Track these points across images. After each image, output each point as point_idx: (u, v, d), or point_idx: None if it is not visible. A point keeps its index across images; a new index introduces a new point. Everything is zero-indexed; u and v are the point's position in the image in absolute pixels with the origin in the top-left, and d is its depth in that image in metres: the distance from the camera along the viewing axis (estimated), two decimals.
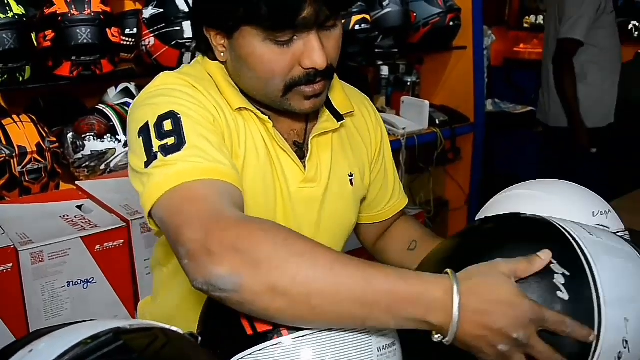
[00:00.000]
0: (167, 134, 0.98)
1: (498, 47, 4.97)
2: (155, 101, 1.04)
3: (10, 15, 2.03)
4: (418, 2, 3.19)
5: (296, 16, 0.97)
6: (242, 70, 1.08)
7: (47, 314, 1.80)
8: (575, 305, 0.81)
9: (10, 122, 2.12)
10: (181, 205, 0.89)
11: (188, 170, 0.92)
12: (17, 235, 1.79)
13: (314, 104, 1.10)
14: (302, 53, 1.02)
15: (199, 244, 0.82)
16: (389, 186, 1.40)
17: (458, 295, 0.78)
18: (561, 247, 0.85)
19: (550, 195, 1.17)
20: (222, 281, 0.78)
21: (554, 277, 0.82)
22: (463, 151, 3.47)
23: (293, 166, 1.17)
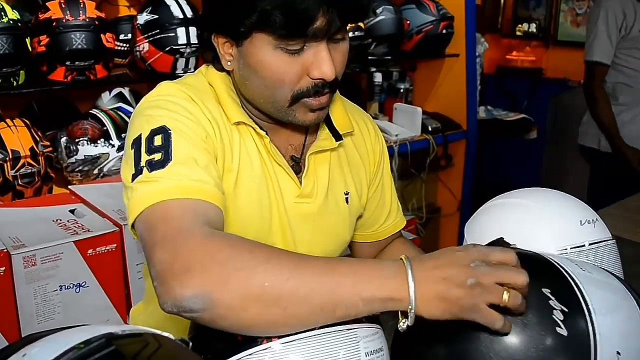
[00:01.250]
0: (156, 149, 0.98)
1: (491, 55, 4.99)
2: (152, 113, 1.04)
3: (5, 20, 2.04)
4: (411, 10, 3.22)
5: (309, 25, 0.97)
6: (250, 79, 1.08)
7: (39, 318, 1.80)
8: (573, 340, 0.81)
9: (4, 126, 2.13)
10: (156, 224, 0.90)
11: (168, 189, 0.93)
12: (10, 239, 1.79)
13: (318, 117, 1.10)
14: (311, 63, 1.02)
15: (167, 265, 0.83)
16: (386, 206, 1.39)
17: (409, 262, 0.81)
18: (557, 283, 0.86)
19: (539, 203, 1.19)
20: (192, 302, 0.80)
21: (553, 313, 0.82)
22: (455, 158, 3.49)
23: (289, 181, 1.17)
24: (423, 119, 3.20)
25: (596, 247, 1.13)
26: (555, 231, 1.13)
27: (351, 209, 1.28)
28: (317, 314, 0.81)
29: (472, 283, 0.78)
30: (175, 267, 0.82)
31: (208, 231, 0.88)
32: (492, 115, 4.52)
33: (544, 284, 0.84)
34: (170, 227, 0.88)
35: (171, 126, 1.01)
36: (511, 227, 1.16)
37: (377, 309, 0.82)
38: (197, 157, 1.00)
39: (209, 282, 0.80)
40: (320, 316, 0.82)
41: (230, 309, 0.80)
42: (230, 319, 0.80)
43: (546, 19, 5.18)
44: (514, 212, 1.18)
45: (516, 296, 0.78)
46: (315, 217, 1.21)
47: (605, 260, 1.13)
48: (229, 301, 0.79)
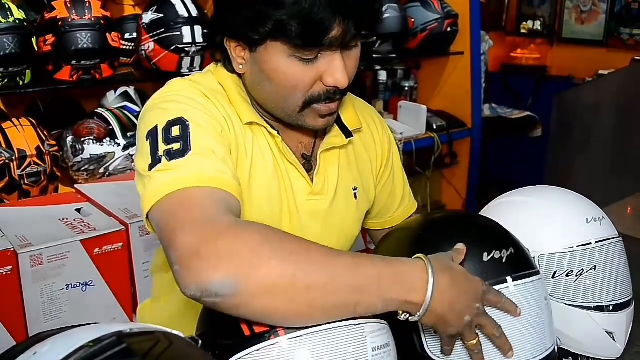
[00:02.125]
0: (174, 140, 0.98)
1: (495, 53, 4.98)
2: (167, 106, 1.04)
3: (11, 19, 2.04)
4: (416, 8, 3.21)
5: (325, 35, 0.97)
6: (262, 85, 1.08)
7: (46, 317, 1.80)
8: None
9: (10, 125, 2.14)
10: (177, 210, 0.90)
11: (188, 177, 0.93)
12: (17, 238, 1.80)
13: (327, 122, 1.12)
14: (325, 71, 1.02)
15: (192, 249, 0.82)
16: (397, 193, 1.40)
17: (432, 274, 0.88)
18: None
19: (545, 201, 1.19)
20: (218, 285, 0.79)
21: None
22: (460, 156, 3.49)
23: (301, 179, 1.18)
24: (428, 117, 3.20)
25: (602, 245, 1.13)
26: (561, 229, 1.13)
27: (359, 204, 1.29)
28: (340, 309, 0.83)
29: (467, 321, 0.90)
30: (202, 250, 0.81)
31: (233, 219, 0.89)
32: (496, 113, 4.52)
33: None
34: (193, 213, 0.88)
35: (188, 118, 1.01)
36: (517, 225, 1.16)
37: (392, 309, 0.88)
38: (215, 148, 1.00)
39: (239, 267, 0.79)
40: (343, 312, 0.84)
41: (256, 295, 0.79)
42: (255, 307, 0.80)
43: (551, 17, 5.17)
44: (520, 210, 1.19)
45: (478, 346, 0.94)
46: (326, 213, 1.22)
47: (611, 258, 1.13)
48: (256, 288, 0.79)
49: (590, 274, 1.11)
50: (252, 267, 0.80)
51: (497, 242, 1.01)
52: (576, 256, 1.11)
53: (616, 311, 1.13)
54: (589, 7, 4.93)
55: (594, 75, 4.61)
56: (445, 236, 1.01)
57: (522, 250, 1.04)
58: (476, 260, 0.98)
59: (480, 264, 0.98)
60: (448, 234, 1.02)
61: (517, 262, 1.00)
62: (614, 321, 1.12)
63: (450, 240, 0.99)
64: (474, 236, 1.01)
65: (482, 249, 0.99)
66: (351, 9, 0.97)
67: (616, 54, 4.66)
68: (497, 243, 1.00)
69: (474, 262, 0.97)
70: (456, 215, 1.11)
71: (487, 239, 1.02)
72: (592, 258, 1.11)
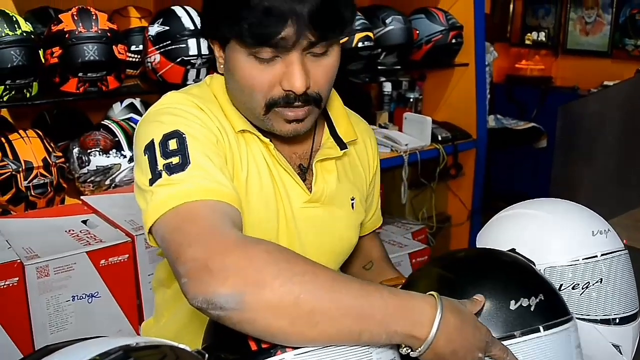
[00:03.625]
0: (172, 153, 0.99)
1: (500, 64, 4.99)
2: (162, 119, 1.05)
3: (18, 32, 2.06)
4: (420, 19, 3.22)
5: (274, 36, 0.98)
6: (230, 84, 1.12)
7: (52, 328, 1.81)
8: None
9: (17, 137, 2.15)
10: (183, 224, 0.90)
11: (191, 191, 0.94)
12: (23, 250, 1.81)
13: (295, 129, 1.11)
14: (283, 74, 1.04)
15: (201, 263, 0.83)
16: (373, 205, 1.44)
17: (441, 312, 0.85)
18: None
19: (551, 214, 1.19)
20: (224, 299, 0.79)
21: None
22: (465, 167, 3.48)
23: (296, 187, 1.19)
24: (433, 129, 3.20)
25: (608, 257, 1.13)
26: (567, 242, 1.13)
27: (356, 214, 1.30)
28: (344, 336, 0.82)
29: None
30: (210, 264, 0.82)
31: (241, 235, 0.89)
32: (501, 124, 4.52)
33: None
34: (199, 228, 0.89)
35: (184, 130, 1.02)
36: (523, 238, 1.16)
37: (396, 342, 0.86)
38: (214, 160, 1.01)
39: (245, 284, 0.80)
40: (346, 338, 0.83)
41: (260, 314, 0.80)
42: (258, 325, 0.80)
43: (555, 28, 5.19)
44: (526, 222, 1.19)
45: None
46: (323, 221, 1.23)
47: (617, 270, 1.13)
48: (261, 306, 0.80)
49: (596, 286, 1.11)
50: (257, 286, 0.80)
51: (526, 288, 0.96)
52: (582, 269, 1.11)
53: (623, 324, 1.12)
54: (594, 18, 4.94)
55: (598, 86, 4.62)
56: (469, 279, 0.97)
57: (554, 295, 0.99)
58: (503, 308, 0.93)
59: (507, 312, 0.93)
60: (473, 277, 0.98)
61: (547, 310, 0.95)
62: (621, 334, 1.12)
63: (475, 284, 0.95)
64: (500, 282, 0.97)
65: (509, 297, 0.94)
66: (306, 13, 0.97)
67: (621, 65, 4.67)
68: (526, 289, 0.95)
69: (500, 310, 0.93)
70: (483, 257, 1.05)
71: (514, 285, 0.97)
72: (598, 271, 1.11)
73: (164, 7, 2.49)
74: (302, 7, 0.97)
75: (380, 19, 3.03)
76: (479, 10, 3.36)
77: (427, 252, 2.93)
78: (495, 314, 0.93)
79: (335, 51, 1.08)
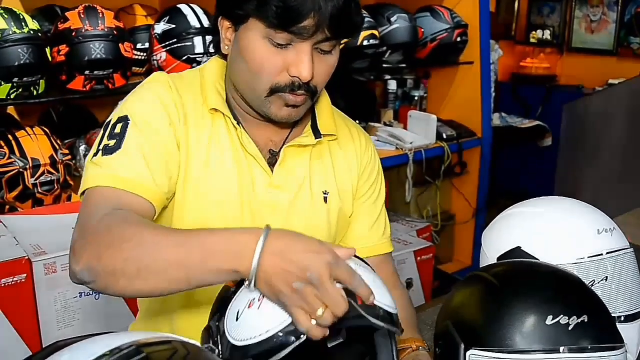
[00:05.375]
0: (114, 136, 1.10)
1: (505, 62, 4.99)
2: (128, 99, 1.16)
3: (25, 30, 2.06)
4: (425, 17, 3.22)
5: (298, 22, 1.03)
6: (237, 63, 1.15)
7: (59, 324, 1.82)
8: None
9: (24, 134, 2.16)
10: (83, 206, 1.05)
11: (106, 176, 1.06)
12: (31, 246, 1.82)
13: (290, 114, 1.15)
14: (292, 60, 1.08)
15: (73, 244, 0.99)
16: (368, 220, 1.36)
17: (263, 239, 0.86)
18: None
19: (556, 212, 1.19)
20: (82, 275, 0.95)
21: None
22: (470, 165, 3.49)
23: (261, 171, 1.21)
24: (437, 127, 3.20)
25: (613, 255, 1.13)
26: (572, 240, 1.14)
27: (330, 209, 1.28)
28: (174, 284, 0.92)
29: (298, 287, 0.82)
30: (75, 245, 0.98)
31: (104, 214, 1.00)
32: (506, 122, 4.52)
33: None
34: (84, 212, 1.03)
35: (134, 116, 1.11)
36: (528, 236, 1.17)
37: (225, 279, 0.92)
38: (147, 151, 1.09)
39: (89, 260, 0.94)
40: (178, 285, 0.93)
41: (107, 279, 0.94)
42: (111, 288, 0.95)
43: (560, 26, 5.18)
44: (531, 221, 1.19)
45: (327, 318, 0.81)
46: (287, 208, 1.24)
47: (622, 269, 1.13)
48: (104, 274, 0.94)
49: (601, 285, 1.11)
50: (96, 258, 0.94)
51: (569, 306, 0.92)
52: (587, 267, 1.11)
53: (628, 322, 1.13)
54: (599, 17, 4.93)
55: (603, 84, 4.62)
56: (515, 289, 0.96)
57: (600, 320, 0.94)
58: (538, 321, 0.90)
59: (540, 326, 0.90)
60: (520, 286, 0.96)
61: (586, 333, 0.90)
62: (626, 332, 1.12)
63: (519, 295, 0.94)
64: (543, 293, 0.94)
65: (548, 311, 0.91)
66: (328, 9, 1.04)
67: (626, 63, 4.66)
68: (569, 307, 0.91)
69: (535, 323, 0.90)
70: (534, 268, 1.03)
71: (558, 301, 0.93)
72: (603, 269, 1.12)
73: (169, 5, 2.50)
74: (327, 2, 1.04)
75: (386, 17, 3.03)
76: (484, 8, 3.36)
77: (431, 250, 2.93)
78: (533, 327, 0.90)
79: (337, 51, 1.14)
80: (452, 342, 0.95)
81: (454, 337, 0.95)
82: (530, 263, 1.09)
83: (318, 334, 0.82)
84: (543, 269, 1.03)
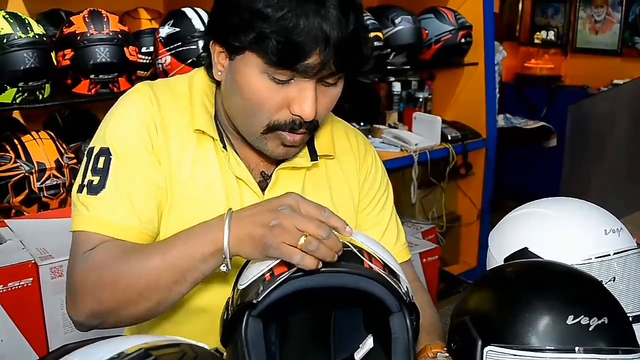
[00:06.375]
0: (97, 172, 1.07)
1: (509, 63, 4.99)
2: (110, 121, 1.11)
3: (31, 35, 2.07)
4: (430, 19, 3.23)
5: (301, 60, 0.96)
6: (233, 96, 1.07)
7: (66, 328, 1.82)
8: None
9: (30, 138, 2.16)
10: (72, 251, 1.07)
11: (92, 221, 1.05)
12: (37, 250, 1.82)
13: (287, 152, 1.10)
14: (294, 98, 1.01)
15: (68, 298, 1.05)
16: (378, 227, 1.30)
17: (230, 213, 0.94)
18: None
19: (563, 213, 1.19)
20: (89, 322, 1.03)
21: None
22: (475, 166, 3.48)
23: (252, 194, 1.15)
24: (442, 128, 3.20)
25: (621, 256, 1.13)
26: (579, 241, 1.13)
27: None
28: (174, 288, 0.97)
29: (275, 224, 0.88)
30: (69, 300, 1.04)
31: (92, 257, 1.02)
32: (511, 123, 4.52)
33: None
34: (73, 257, 1.06)
35: (115, 149, 1.08)
36: (535, 237, 1.17)
37: (215, 263, 0.95)
38: (131, 189, 1.07)
39: (90, 306, 1.01)
40: (179, 288, 0.97)
41: (115, 315, 1.01)
42: (123, 321, 1.03)
43: (564, 26, 5.17)
44: (538, 221, 1.19)
45: (311, 242, 0.85)
46: None
47: (630, 269, 1.13)
48: (110, 312, 1.00)
49: (609, 285, 1.11)
50: (97, 303, 1.00)
51: (591, 307, 0.91)
52: (595, 268, 1.11)
53: (636, 323, 1.12)
54: (603, 17, 4.92)
55: (608, 85, 4.61)
56: (536, 287, 0.94)
57: (620, 323, 0.92)
58: (559, 320, 0.89)
59: (561, 326, 0.89)
60: (541, 286, 0.95)
61: (605, 334, 0.89)
62: None
63: (541, 293, 0.93)
64: (566, 293, 0.93)
65: (569, 311, 0.89)
66: (335, 44, 0.95)
67: (631, 64, 4.66)
68: (590, 308, 0.90)
69: (556, 322, 0.89)
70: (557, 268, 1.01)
71: (580, 301, 0.92)
72: (610, 269, 1.11)
73: (174, 8, 2.51)
74: (334, 34, 0.95)
75: (390, 19, 3.04)
76: (488, 10, 3.36)
77: (437, 252, 2.93)
78: (553, 325, 0.89)
79: (342, 83, 1.07)
80: (469, 338, 0.95)
81: (471, 332, 0.95)
82: (549, 262, 1.08)
83: (309, 263, 0.86)
84: (561, 268, 1.02)
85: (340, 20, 0.95)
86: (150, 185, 1.08)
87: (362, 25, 1.02)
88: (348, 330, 1.08)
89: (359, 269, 0.89)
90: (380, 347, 0.98)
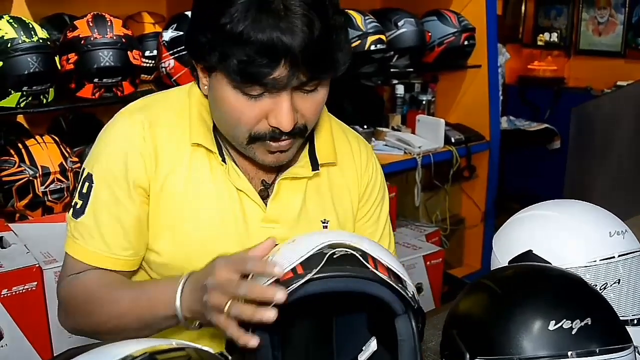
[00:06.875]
0: (81, 196, 1.14)
1: (512, 65, 4.98)
2: (97, 146, 1.17)
3: (35, 39, 2.07)
4: (433, 21, 3.22)
5: (266, 76, 0.95)
6: (215, 110, 1.09)
7: None
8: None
9: (34, 142, 2.17)
10: (62, 267, 1.19)
11: (74, 247, 1.15)
12: (42, 254, 1.83)
13: (278, 159, 1.09)
14: (270, 110, 1.01)
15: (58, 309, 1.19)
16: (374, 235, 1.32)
17: (182, 283, 1.01)
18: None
19: (567, 215, 1.19)
20: (75, 333, 1.20)
21: None
22: (479, 169, 3.48)
23: (253, 205, 1.16)
24: (446, 131, 3.20)
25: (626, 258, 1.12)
26: (584, 243, 1.13)
27: None
28: (143, 333, 1.07)
29: (205, 299, 0.93)
30: (58, 311, 1.19)
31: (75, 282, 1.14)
32: (514, 125, 4.51)
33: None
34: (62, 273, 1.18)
35: (97, 179, 1.12)
36: (540, 239, 1.16)
37: (172, 322, 1.04)
38: (105, 218, 1.12)
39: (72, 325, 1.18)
40: (147, 332, 1.08)
41: (94, 336, 1.17)
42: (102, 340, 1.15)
43: (567, 28, 5.16)
44: (543, 224, 1.19)
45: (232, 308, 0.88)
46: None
47: (635, 271, 1.13)
48: (89, 333, 1.17)
49: (614, 287, 1.11)
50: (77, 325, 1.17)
51: (572, 309, 0.90)
52: (600, 270, 1.11)
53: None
54: (606, 18, 4.92)
55: (612, 86, 4.60)
56: (517, 296, 0.94)
57: (605, 321, 0.92)
58: (541, 327, 0.89)
59: (543, 332, 0.88)
60: (522, 293, 0.95)
61: (592, 336, 0.88)
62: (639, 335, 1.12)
63: (521, 301, 0.92)
64: (545, 299, 0.93)
65: (551, 316, 0.89)
66: (300, 54, 0.94)
67: (634, 65, 4.65)
68: (571, 311, 0.90)
69: (539, 330, 0.89)
70: (535, 273, 1.02)
71: (560, 305, 0.91)
72: (615, 272, 1.11)
73: (177, 12, 2.51)
74: (296, 45, 0.93)
75: (393, 22, 3.04)
76: (491, 12, 3.36)
77: (441, 255, 2.93)
78: (536, 333, 0.89)
79: (325, 86, 1.05)
80: (457, 352, 0.95)
81: (459, 346, 0.95)
82: (532, 267, 1.08)
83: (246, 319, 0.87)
84: (545, 273, 1.02)
85: (303, 30, 0.94)
86: (127, 215, 1.12)
87: (334, 27, 0.99)
88: (350, 334, 1.08)
89: (364, 273, 0.89)
90: (384, 350, 0.99)
